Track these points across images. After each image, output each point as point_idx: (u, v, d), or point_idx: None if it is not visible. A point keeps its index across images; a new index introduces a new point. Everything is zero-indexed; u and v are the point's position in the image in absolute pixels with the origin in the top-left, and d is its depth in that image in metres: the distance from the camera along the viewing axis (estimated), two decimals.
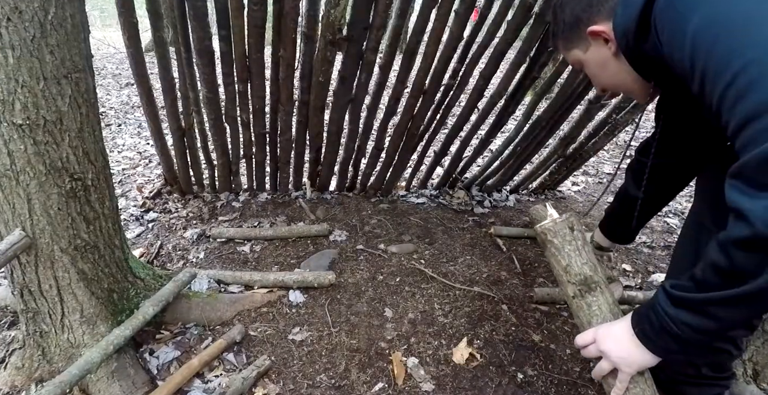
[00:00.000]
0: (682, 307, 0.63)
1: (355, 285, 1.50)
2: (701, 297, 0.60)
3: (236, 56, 1.51)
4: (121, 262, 1.19)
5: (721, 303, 0.59)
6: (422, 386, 1.14)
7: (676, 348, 0.67)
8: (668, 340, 0.66)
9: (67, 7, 0.86)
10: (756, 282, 0.54)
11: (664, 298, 0.66)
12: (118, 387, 1.06)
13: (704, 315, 0.61)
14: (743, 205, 0.52)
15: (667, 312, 0.64)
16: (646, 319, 0.68)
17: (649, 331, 0.68)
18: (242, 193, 2.08)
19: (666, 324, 0.65)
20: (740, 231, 0.52)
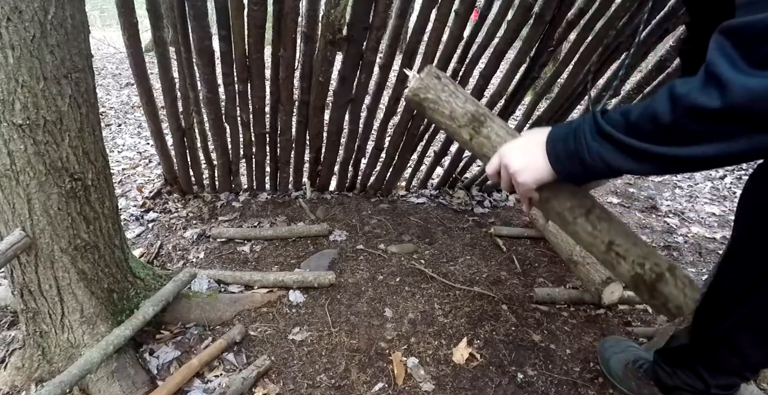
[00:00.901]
0: (605, 141, 0.60)
1: (355, 285, 1.50)
2: (627, 140, 0.57)
3: (236, 56, 1.51)
4: (121, 262, 1.19)
5: (644, 154, 0.56)
6: (422, 386, 1.14)
7: (581, 175, 0.65)
8: (576, 166, 0.64)
9: (67, 7, 0.86)
10: (690, 149, 0.52)
11: (591, 126, 0.62)
12: (118, 387, 1.06)
13: (623, 156, 0.59)
14: (728, 75, 0.46)
15: (587, 142, 0.62)
16: (562, 141, 0.65)
17: (561, 152, 0.66)
18: (242, 193, 2.08)
19: (582, 152, 0.62)
20: (709, 100, 0.48)
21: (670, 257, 1.80)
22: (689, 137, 0.52)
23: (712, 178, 2.75)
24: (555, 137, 0.67)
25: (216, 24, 1.44)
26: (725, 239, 1.94)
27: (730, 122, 0.48)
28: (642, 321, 1.41)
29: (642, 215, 2.18)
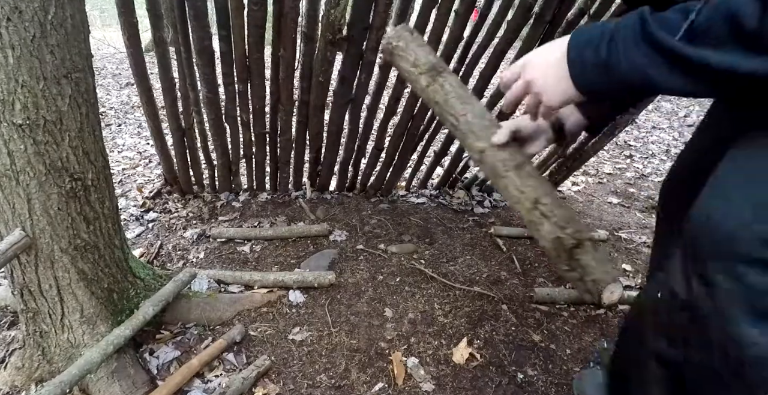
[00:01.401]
0: (653, 49, 0.48)
1: (355, 285, 1.50)
2: (688, 50, 0.45)
3: (236, 56, 1.51)
4: (121, 262, 1.19)
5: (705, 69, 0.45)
6: (422, 386, 1.14)
7: (605, 89, 0.54)
8: (604, 80, 0.53)
9: (67, 7, 0.86)
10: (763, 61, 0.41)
11: (635, 29, 0.49)
12: (118, 387, 1.06)
13: (675, 70, 0.47)
14: None
15: (626, 49, 0.49)
16: (594, 48, 0.52)
17: (589, 59, 0.53)
18: (242, 193, 2.08)
19: (615, 62, 0.50)
20: None
21: None
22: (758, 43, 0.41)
23: None
24: (580, 41, 0.54)
25: (216, 24, 1.44)
26: None
27: None
28: None
29: (642, 215, 2.18)
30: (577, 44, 0.55)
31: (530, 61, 0.60)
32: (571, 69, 0.55)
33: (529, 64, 0.60)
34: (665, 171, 2.85)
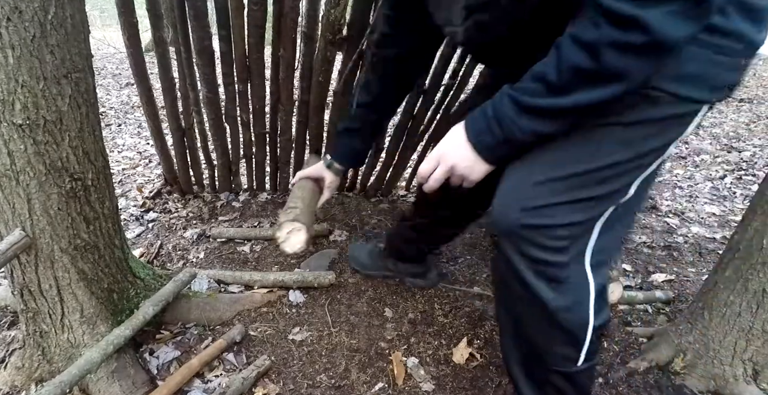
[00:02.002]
0: (533, 114, 0.62)
1: (355, 285, 1.50)
2: (561, 101, 0.60)
3: (236, 56, 1.51)
4: (121, 262, 1.19)
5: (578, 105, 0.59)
6: (422, 386, 1.14)
7: (510, 153, 0.70)
8: (507, 149, 0.68)
9: (67, 7, 0.86)
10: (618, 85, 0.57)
11: (514, 109, 0.63)
12: (118, 387, 1.06)
13: (555, 117, 0.62)
14: (633, 12, 0.52)
15: (517, 123, 0.63)
16: (489, 133, 0.67)
17: (491, 143, 0.68)
18: (242, 193, 2.08)
19: (513, 134, 0.65)
20: (630, 36, 0.53)
21: (670, 257, 1.80)
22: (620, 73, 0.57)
23: (712, 178, 2.75)
24: (476, 131, 0.69)
25: (216, 24, 1.44)
26: (725, 239, 1.94)
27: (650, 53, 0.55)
28: (642, 321, 1.41)
29: (642, 215, 2.18)
30: (475, 136, 0.70)
31: (445, 153, 0.75)
32: (481, 154, 0.71)
33: (444, 156, 0.75)
34: (665, 171, 2.85)
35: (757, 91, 5.13)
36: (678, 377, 1.15)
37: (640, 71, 0.57)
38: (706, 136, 3.59)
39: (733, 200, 2.44)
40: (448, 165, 0.75)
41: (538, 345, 0.82)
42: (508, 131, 0.65)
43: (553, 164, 0.69)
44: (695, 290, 1.53)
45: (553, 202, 0.69)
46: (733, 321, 1.09)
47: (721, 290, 1.11)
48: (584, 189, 0.69)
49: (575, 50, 0.57)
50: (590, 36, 0.55)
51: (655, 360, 1.19)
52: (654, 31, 0.52)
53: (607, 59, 0.55)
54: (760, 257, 1.03)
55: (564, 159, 0.69)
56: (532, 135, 0.64)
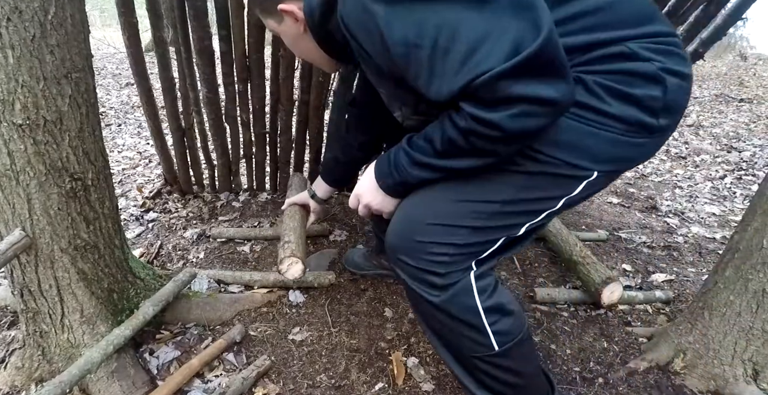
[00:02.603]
0: (422, 167, 0.79)
1: (355, 285, 1.50)
2: (442, 163, 0.77)
3: (236, 56, 1.51)
4: (121, 262, 1.19)
5: (456, 168, 0.76)
6: (422, 386, 1.14)
7: (403, 192, 0.86)
8: (401, 189, 0.85)
9: (67, 7, 0.86)
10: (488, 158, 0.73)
11: (407, 161, 0.80)
12: (118, 387, 1.06)
13: (438, 171, 0.79)
14: (485, 116, 0.65)
15: (409, 171, 0.81)
16: (390, 176, 0.84)
17: (391, 184, 0.85)
18: (242, 193, 2.08)
19: (405, 179, 0.82)
20: (490, 132, 0.66)
21: (670, 257, 1.80)
22: (487, 151, 0.72)
23: (712, 178, 2.75)
24: (381, 174, 0.86)
25: (216, 24, 1.44)
26: (725, 239, 1.94)
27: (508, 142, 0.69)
28: (642, 321, 1.41)
29: (642, 215, 2.18)
30: (380, 178, 0.87)
31: (361, 194, 0.91)
32: (387, 192, 0.88)
33: (361, 196, 0.92)
34: (665, 171, 2.86)
35: (757, 91, 5.13)
36: (678, 377, 1.15)
37: (503, 151, 0.72)
38: (706, 136, 3.59)
39: (733, 200, 2.44)
40: (364, 203, 0.91)
41: (449, 336, 0.90)
42: (402, 176, 0.82)
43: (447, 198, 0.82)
44: (695, 290, 1.53)
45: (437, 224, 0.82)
46: (733, 321, 1.09)
47: (721, 290, 1.11)
48: (470, 219, 0.81)
49: (452, 129, 0.71)
50: (461, 124, 0.69)
51: (655, 360, 1.19)
52: (505, 129, 0.65)
53: (475, 143, 0.70)
54: (760, 257, 1.03)
55: (457, 192, 0.81)
56: (418, 180, 0.81)
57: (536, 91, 0.62)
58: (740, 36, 9.55)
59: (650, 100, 0.72)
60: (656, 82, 0.72)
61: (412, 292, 0.86)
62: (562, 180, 0.79)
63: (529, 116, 0.64)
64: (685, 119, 4.14)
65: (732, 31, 6.11)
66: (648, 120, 0.73)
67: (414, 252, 0.82)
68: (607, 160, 0.77)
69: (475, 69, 0.61)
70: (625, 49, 0.72)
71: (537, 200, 0.81)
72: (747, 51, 8.21)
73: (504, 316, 0.86)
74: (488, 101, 0.64)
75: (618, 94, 0.72)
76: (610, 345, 1.29)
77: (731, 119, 4.10)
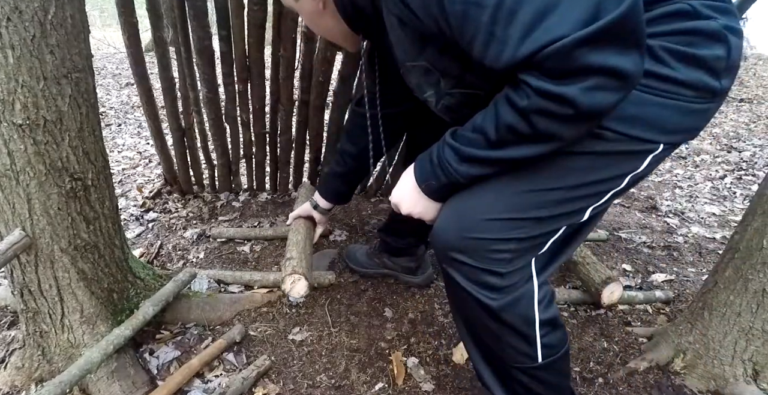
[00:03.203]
0: (471, 163, 0.70)
1: (355, 285, 1.50)
2: (497, 154, 0.68)
3: (236, 56, 1.51)
4: (121, 262, 1.19)
5: (514, 158, 0.68)
6: (422, 386, 1.14)
7: (451, 194, 0.78)
8: (449, 190, 0.77)
9: (67, 7, 0.86)
10: (552, 144, 0.65)
11: (454, 157, 0.71)
12: (118, 387, 1.06)
13: (493, 165, 0.70)
14: (556, 90, 0.57)
15: (457, 169, 0.72)
16: (434, 177, 0.75)
17: (435, 186, 0.77)
18: (242, 193, 2.08)
19: (453, 179, 0.73)
20: (559, 109, 0.59)
21: (670, 257, 1.80)
22: (551, 135, 0.63)
23: (712, 178, 2.75)
24: (423, 177, 0.78)
25: (216, 24, 1.44)
26: (725, 239, 1.94)
27: (579, 121, 0.61)
28: (642, 321, 1.41)
29: (642, 215, 2.18)
30: (422, 181, 0.78)
31: (400, 201, 0.83)
32: (431, 196, 0.79)
33: (400, 204, 0.83)
34: (665, 171, 2.85)
35: (757, 91, 5.13)
36: (678, 377, 1.15)
37: (570, 134, 0.64)
38: (706, 136, 3.59)
39: (733, 200, 2.44)
40: (406, 211, 0.83)
41: (492, 344, 0.85)
42: (450, 176, 0.73)
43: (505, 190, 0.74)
44: (695, 290, 1.53)
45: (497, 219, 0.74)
46: (733, 321, 1.09)
47: (721, 290, 1.11)
48: (534, 210, 0.74)
49: (510, 112, 0.62)
50: (522, 104, 0.61)
51: (655, 360, 1.19)
52: (578, 105, 0.58)
53: (539, 124, 0.62)
54: (760, 257, 1.03)
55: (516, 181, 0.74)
56: (472, 178, 0.73)
57: (614, 62, 0.55)
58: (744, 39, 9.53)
59: (716, 60, 0.66)
60: (720, 40, 0.66)
61: (465, 294, 0.79)
62: (629, 156, 0.72)
63: (603, 90, 0.57)
64: None
65: None
66: (713, 83, 0.68)
67: (473, 250, 0.75)
68: (674, 130, 0.71)
69: (547, 35, 0.54)
70: (686, 6, 0.66)
71: (603, 181, 0.74)
72: (747, 51, 8.21)
73: (555, 329, 0.82)
74: (558, 73, 0.57)
75: (684, 57, 0.66)
76: (610, 345, 1.29)
77: (731, 119, 4.10)
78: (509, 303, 0.77)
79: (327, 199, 1.34)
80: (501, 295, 0.77)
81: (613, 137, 0.69)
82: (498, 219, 0.74)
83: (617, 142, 0.69)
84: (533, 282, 0.79)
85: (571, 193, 0.74)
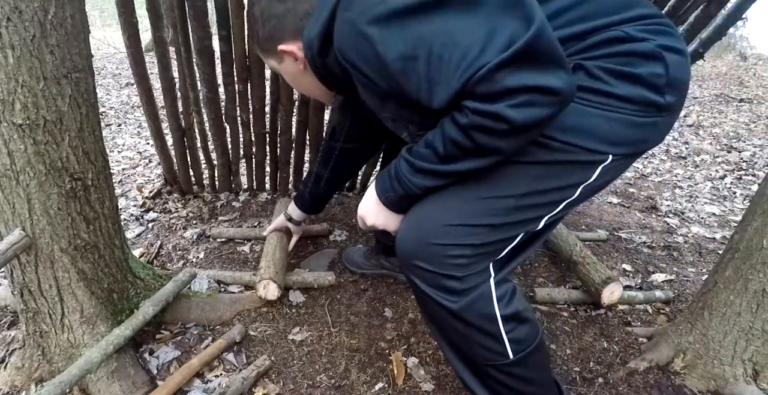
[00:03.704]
0: (424, 174, 0.77)
1: (355, 285, 1.50)
2: (446, 168, 0.75)
3: (236, 56, 1.51)
4: (121, 262, 1.19)
5: (462, 171, 0.74)
6: (422, 386, 1.14)
7: (408, 205, 0.84)
8: (407, 202, 0.83)
9: (67, 7, 0.86)
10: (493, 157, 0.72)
11: (409, 169, 0.78)
12: (118, 387, 1.06)
13: (443, 177, 0.77)
14: (488, 108, 0.64)
15: (412, 181, 0.78)
16: (392, 189, 0.82)
17: (393, 198, 0.83)
18: (242, 193, 2.08)
19: (409, 190, 0.80)
20: (494, 124, 0.65)
21: (670, 257, 1.80)
22: (494, 149, 0.70)
23: (712, 178, 2.75)
24: (382, 190, 0.85)
25: (216, 24, 1.44)
26: (725, 239, 1.94)
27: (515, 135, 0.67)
28: (642, 321, 1.41)
29: (642, 215, 2.18)
30: (382, 194, 0.85)
31: (364, 214, 0.90)
32: (390, 208, 0.86)
33: (365, 216, 0.90)
34: (665, 171, 2.85)
35: (757, 91, 5.13)
36: (678, 377, 1.15)
37: (510, 146, 0.70)
38: (706, 136, 3.59)
39: (733, 200, 2.44)
40: (370, 223, 0.89)
41: (462, 345, 0.87)
42: (406, 187, 0.79)
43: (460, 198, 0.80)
44: (695, 290, 1.53)
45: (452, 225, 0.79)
46: (733, 321, 1.09)
47: (721, 290, 1.11)
48: (487, 217, 0.79)
49: (453, 129, 0.69)
50: (463, 121, 0.67)
51: (655, 360, 1.19)
52: (510, 120, 0.63)
53: (479, 139, 0.68)
54: (760, 257, 1.03)
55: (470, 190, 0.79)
56: (423, 189, 0.79)
57: (537, 80, 0.61)
58: (740, 36, 9.53)
59: (654, 77, 0.71)
60: (656, 59, 0.71)
61: (427, 299, 0.83)
62: (577, 167, 0.77)
63: (533, 106, 0.63)
64: (685, 119, 4.14)
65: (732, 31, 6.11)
66: (654, 98, 0.73)
67: (431, 256, 0.79)
68: (620, 142, 0.75)
69: (472, 66, 0.61)
70: (619, 32, 0.72)
71: (554, 191, 0.79)
72: (747, 51, 8.21)
73: (520, 324, 0.84)
74: (489, 95, 0.63)
75: (621, 74, 0.71)
76: (610, 345, 1.29)
77: (731, 119, 4.10)
78: (468, 303, 0.80)
79: (303, 211, 1.46)
80: (460, 297, 0.80)
81: (559, 146, 0.74)
82: (453, 225, 0.78)
83: (564, 152, 0.74)
84: (490, 282, 0.82)
85: (522, 201, 0.79)
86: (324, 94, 0.98)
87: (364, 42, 0.67)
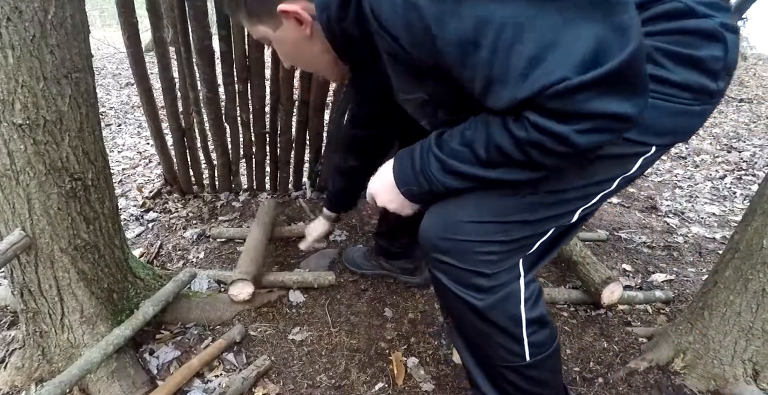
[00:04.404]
0: (456, 176, 0.70)
1: (355, 285, 1.50)
2: (484, 173, 0.67)
3: (236, 56, 1.51)
4: (121, 262, 1.19)
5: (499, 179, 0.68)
6: (422, 386, 1.14)
7: (433, 200, 0.78)
8: (428, 197, 0.76)
9: (67, 7, 0.86)
10: (538, 172, 0.66)
11: (439, 167, 0.70)
12: (118, 387, 1.06)
13: (476, 182, 0.70)
14: (557, 128, 0.57)
15: (440, 180, 0.71)
16: (416, 183, 0.74)
17: (416, 192, 0.76)
18: (242, 193, 2.08)
19: (435, 187, 0.72)
20: (557, 146, 0.59)
21: (670, 257, 1.80)
22: (539, 165, 0.64)
23: (712, 178, 2.75)
24: (404, 181, 0.77)
25: (216, 24, 1.44)
26: (725, 239, 1.94)
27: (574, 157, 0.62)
28: (642, 321, 1.41)
29: (642, 215, 2.18)
30: (402, 185, 0.77)
31: (377, 194, 0.83)
32: (409, 198, 0.78)
33: (377, 196, 0.83)
34: (665, 171, 2.85)
35: (757, 91, 5.13)
36: (678, 377, 1.15)
37: (558, 165, 0.64)
38: (706, 136, 3.59)
39: (733, 200, 2.44)
40: (381, 204, 0.83)
41: (481, 344, 0.84)
42: (433, 185, 0.72)
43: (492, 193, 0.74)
44: (695, 290, 1.53)
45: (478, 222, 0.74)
46: (733, 321, 1.09)
47: (721, 290, 1.11)
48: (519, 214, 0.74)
49: (505, 138, 0.62)
50: (520, 135, 0.60)
51: (655, 360, 1.19)
52: (575, 144, 0.58)
53: (533, 156, 0.62)
54: (760, 257, 1.03)
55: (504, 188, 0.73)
56: (446, 189, 0.72)
57: (616, 108, 0.55)
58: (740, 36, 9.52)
59: (713, 61, 0.65)
60: (717, 40, 0.65)
61: (452, 295, 0.78)
62: (620, 159, 0.72)
63: (601, 132, 0.57)
64: None
65: None
66: (709, 84, 0.67)
67: (459, 252, 0.74)
68: (665, 132, 0.70)
69: (546, 77, 0.53)
70: (680, 4, 0.65)
71: (594, 184, 0.74)
72: (747, 51, 8.21)
73: (542, 328, 0.82)
74: (559, 114, 0.56)
75: (681, 59, 0.65)
76: (610, 345, 1.29)
77: (731, 119, 4.10)
78: (495, 302, 0.77)
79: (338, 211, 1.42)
80: (487, 295, 0.77)
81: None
82: (479, 222, 0.74)
83: (610, 145, 0.67)
84: (520, 281, 0.78)
85: (560, 196, 0.73)
86: (329, 67, 0.85)
87: (410, 7, 0.56)
